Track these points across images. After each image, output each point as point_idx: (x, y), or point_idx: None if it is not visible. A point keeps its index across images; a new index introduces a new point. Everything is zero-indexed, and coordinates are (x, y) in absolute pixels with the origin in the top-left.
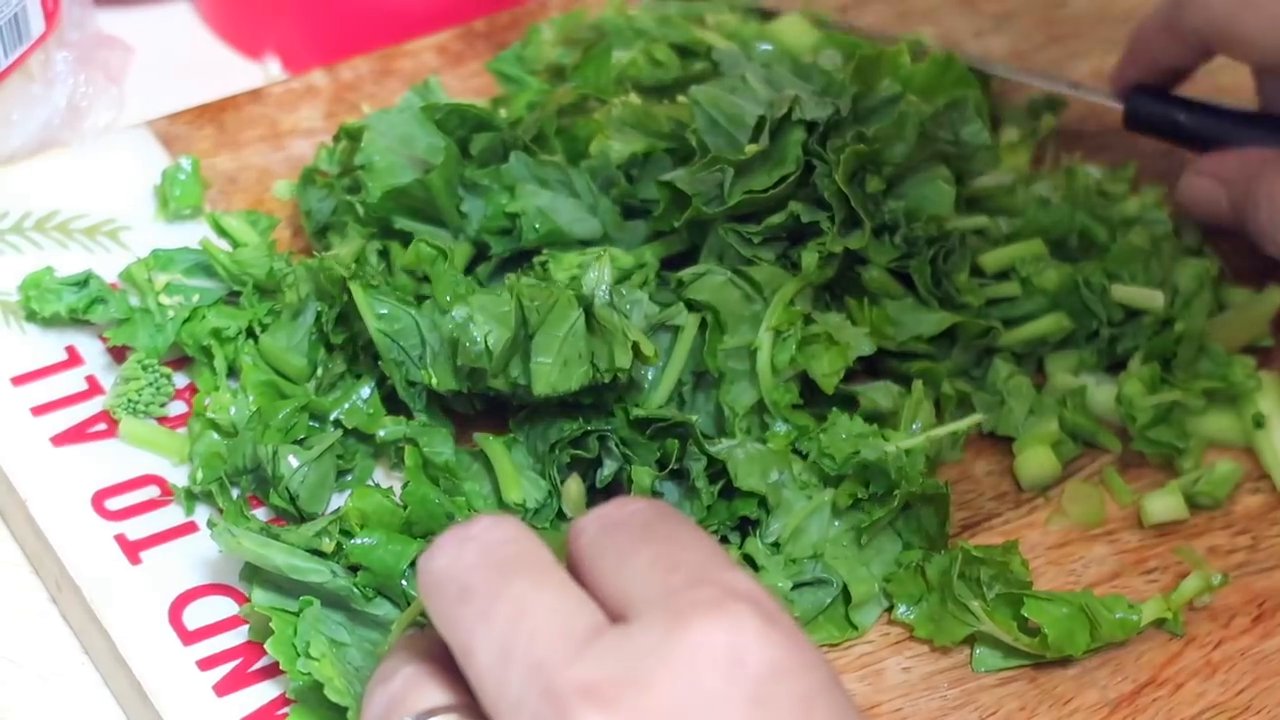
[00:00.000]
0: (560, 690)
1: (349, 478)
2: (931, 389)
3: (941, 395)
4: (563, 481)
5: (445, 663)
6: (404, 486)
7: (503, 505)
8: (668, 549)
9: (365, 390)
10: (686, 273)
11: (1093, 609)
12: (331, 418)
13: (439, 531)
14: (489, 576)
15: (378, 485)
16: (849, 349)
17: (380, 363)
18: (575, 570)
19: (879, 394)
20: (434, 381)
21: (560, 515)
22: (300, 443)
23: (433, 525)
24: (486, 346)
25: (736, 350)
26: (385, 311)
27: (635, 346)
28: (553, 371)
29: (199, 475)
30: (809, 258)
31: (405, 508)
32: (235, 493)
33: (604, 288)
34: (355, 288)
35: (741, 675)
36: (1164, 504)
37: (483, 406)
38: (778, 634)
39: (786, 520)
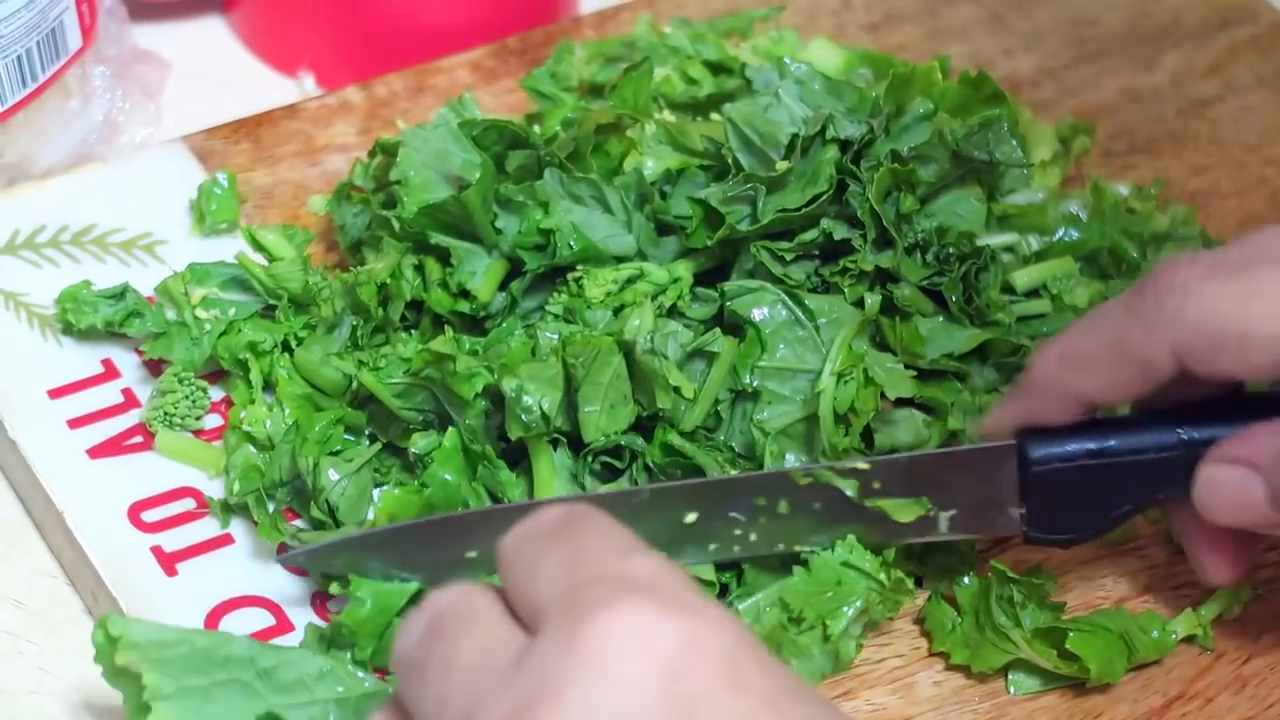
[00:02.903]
0: None
1: (384, 489)
2: (957, 416)
3: (955, 430)
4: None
5: None
6: (428, 467)
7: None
8: (571, 549)
9: None
10: (731, 285)
11: (1130, 634)
12: (366, 431)
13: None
14: (426, 644)
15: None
16: (880, 390)
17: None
18: (505, 591)
19: (900, 429)
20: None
21: None
22: (336, 455)
23: (451, 509)
24: (542, 412)
25: (778, 371)
26: (400, 389)
27: (676, 390)
28: (601, 418)
29: (235, 487)
30: (872, 298)
31: (425, 488)
32: (271, 506)
33: (646, 336)
34: (365, 376)
35: (652, 656)
36: None
37: None
38: (679, 607)
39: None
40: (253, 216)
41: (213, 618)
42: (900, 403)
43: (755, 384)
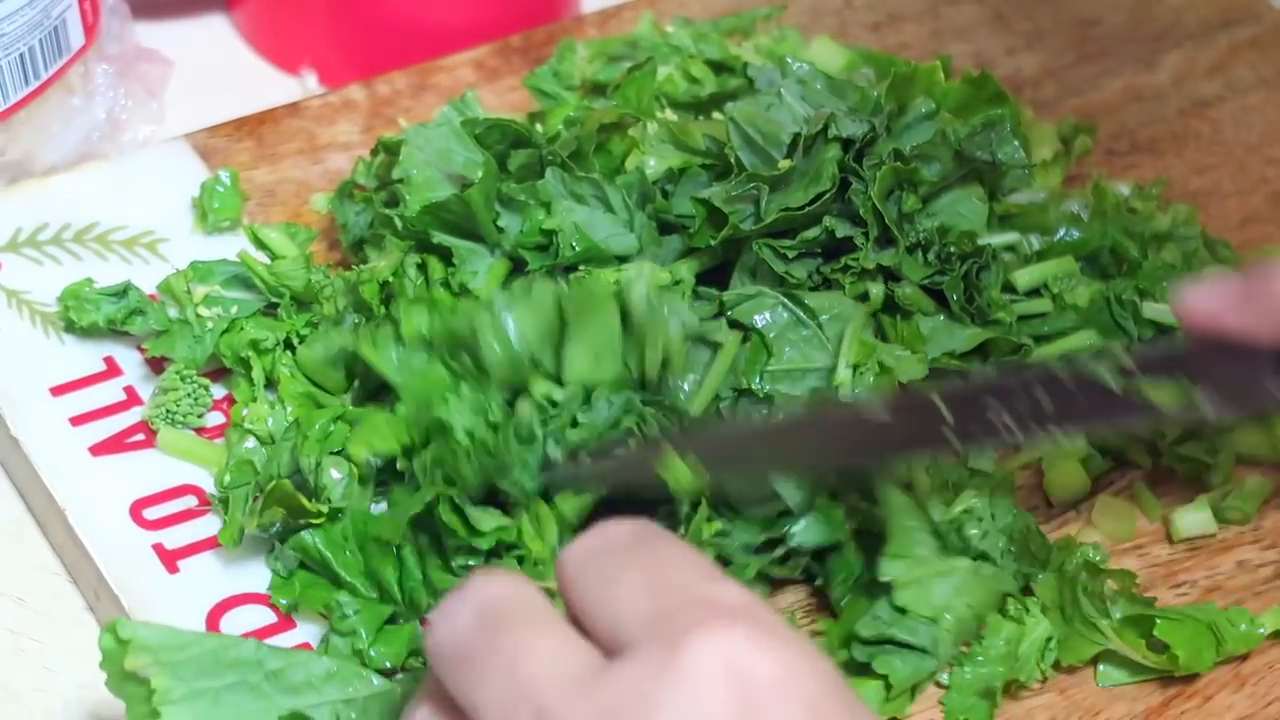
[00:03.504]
0: None
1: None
2: None
3: None
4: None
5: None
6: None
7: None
8: (652, 570)
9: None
10: (731, 294)
11: (1218, 626)
12: None
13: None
14: (483, 634)
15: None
16: (896, 375)
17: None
18: (567, 604)
19: None
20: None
21: None
22: (338, 454)
23: (432, 411)
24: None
25: (788, 374)
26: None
27: (666, 358)
28: (584, 364)
29: (227, 479)
30: (876, 289)
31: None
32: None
33: (643, 297)
34: (364, 348)
35: (743, 690)
36: (1193, 519)
37: None
38: (774, 643)
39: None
40: (255, 215)
41: (214, 615)
42: None
43: (766, 389)
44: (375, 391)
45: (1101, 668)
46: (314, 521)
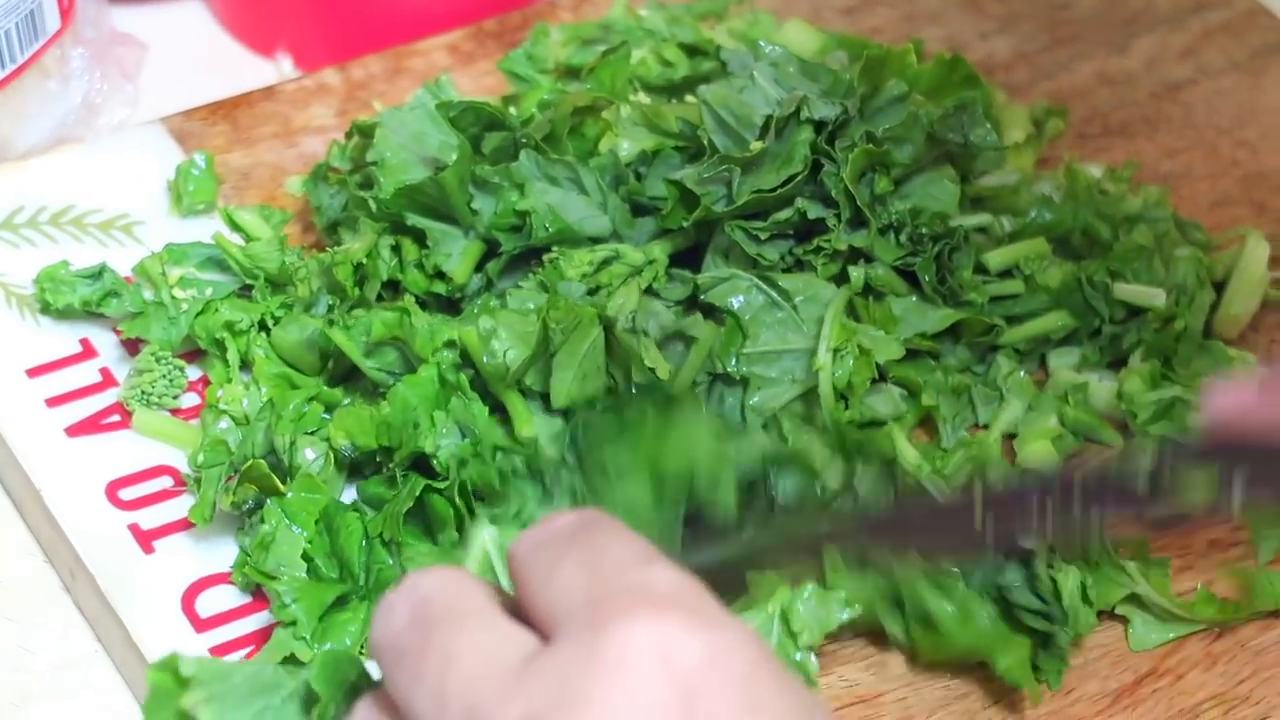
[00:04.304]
0: None
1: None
2: (930, 394)
3: (929, 407)
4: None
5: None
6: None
7: (517, 442)
8: (589, 556)
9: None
10: (704, 277)
11: (1249, 578)
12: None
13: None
14: (418, 633)
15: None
16: (874, 356)
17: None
18: (516, 596)
19: (880, 402)
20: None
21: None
22: (313, 434)
23: (405, 434)
24: (504, 361)
25: (764, 355)
26: (369, 348)
27: (652, 370)
28: (572, 386)
29: (199, 459)
30: (856, 272)
31: (385, 400)
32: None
33: (628, 315)
34: (336, 334)
35: (672, 673)
36: None
37: None
38: (700, 623)
39: None
40: (230, 198)
41: (189, 595)
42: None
43: (742, 370)
44: (348, 374)
45: (1132, 630)
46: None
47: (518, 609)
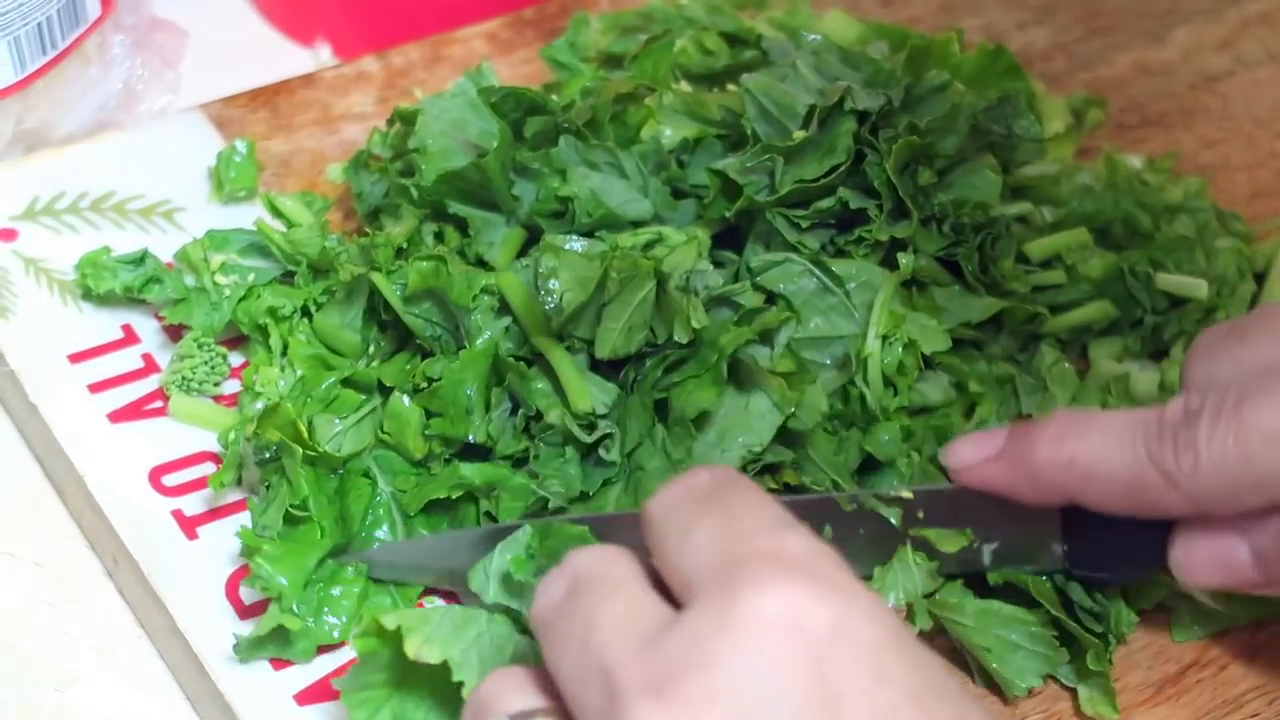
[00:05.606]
0: (625, 693)
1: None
2: (976, 382)
3: (974, 394)
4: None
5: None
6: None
7: (572, 415)
8: (723, 520)
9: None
10: (757, 260)
11: None
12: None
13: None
14: (567, 604)
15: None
16: (919, 347)
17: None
18: (653, 559)
19: (930, 389)
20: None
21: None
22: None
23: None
24: (560, 303)
25: (814, 341)
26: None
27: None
28: (619, 337)
29: (230, 435)
30: (906, 258)
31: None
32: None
33: (682, 272)
34: (378, 278)
35: (801, 640)
36: None
37: None
38: (832, 591)
39: None
40: (270, 185)
41: (233, 580)
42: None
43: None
44: (391, 355)
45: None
46: (310, 454)
47: (658, 577)
